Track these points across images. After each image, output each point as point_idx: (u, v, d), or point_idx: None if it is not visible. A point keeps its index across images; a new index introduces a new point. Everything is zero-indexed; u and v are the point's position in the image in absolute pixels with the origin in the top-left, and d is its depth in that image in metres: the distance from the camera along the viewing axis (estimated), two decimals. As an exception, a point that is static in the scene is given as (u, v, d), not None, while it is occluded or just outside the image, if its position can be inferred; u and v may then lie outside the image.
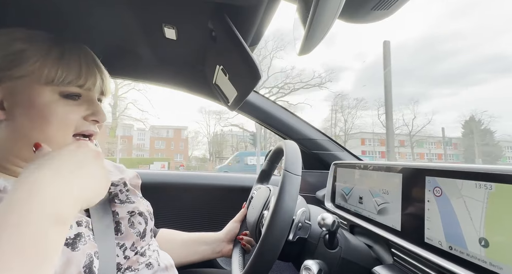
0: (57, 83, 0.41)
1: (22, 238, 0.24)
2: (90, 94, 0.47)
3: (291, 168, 0.52)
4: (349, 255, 0.56)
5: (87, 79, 0.44)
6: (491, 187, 0.35)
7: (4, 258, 0.23)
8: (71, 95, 0.43)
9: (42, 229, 0.26)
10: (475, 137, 17.09)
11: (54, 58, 0.42)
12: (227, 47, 0.56)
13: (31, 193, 0.27)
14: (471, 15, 23.50)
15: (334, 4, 0.31)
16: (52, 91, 0.42)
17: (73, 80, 0.43)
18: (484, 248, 0.36)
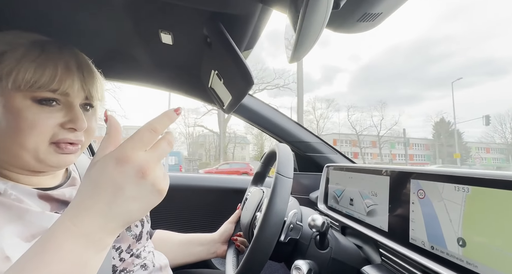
0: (25, 88, 0.38)
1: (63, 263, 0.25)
2: (69, 99, 0.42)
3: (283, 171, 0.54)
4: (339, 255, 0.58)
5: (61, 83, 0.40)
6: (468, 189, 0.38)
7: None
8: (45, 101, 0.40)
9: (85, 257, 0.26)
10: (442, 139, 17.52)
11: (26, 61, 0.39)
12: (221, 53, 0.58)
13: (70, 230, 0.26)
14: (461, 20, 24.06)
15: (321, 15, 0.33)
16: (24, 97, 0.39)
17: (45, 84, 0.39)
18: (461, 247, 0.38)
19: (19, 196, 0.39)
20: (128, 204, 0.27)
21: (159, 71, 0.88)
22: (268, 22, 0.57)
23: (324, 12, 0.32)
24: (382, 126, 24.09)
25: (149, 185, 0.28)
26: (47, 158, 0.41)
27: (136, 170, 0.27)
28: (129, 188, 0.27)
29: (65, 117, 0.42)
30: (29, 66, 0.38)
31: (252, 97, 1.02)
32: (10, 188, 0.39)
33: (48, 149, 0.41)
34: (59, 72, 0.40)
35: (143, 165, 0.27)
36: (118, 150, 0.28)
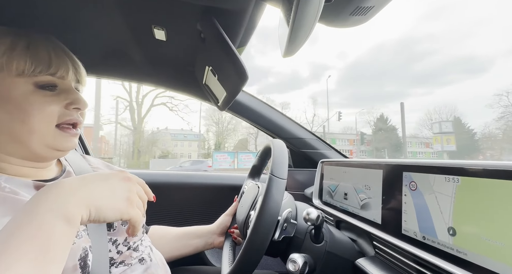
0: (28, 73, 0.41)
1: (31, 227, 0.27)
2: (66, 83, 0.46)
3: (277, 172, 0.54)
4: (334, 249, 0.58)
5: (58, 67, 0.44)
6: (458, 180, 0.38)
7: (14, 242, 0.26)
8: (47, 86, 0.43)
9: (49, 220, 0.28)
10: (383, 134, 18.38)
11: (20, 49, 0.41)
12: (215, 49, 0.58)
13: (49, 188, 0.31)
14: (442, 19, 24.72)
15: (313, 9, 0.33)
16: (26, 83, 0.41)
17: (44, 69, 0.42)
18: (452, 236, 0.39)
19: (14, 188, 0.39)
20: (104, 191, 0.34)
21: (153, 67, 0.88)
22: (262, 17, 0.57)
23: (316, 6, 0.32)
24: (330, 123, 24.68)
25: (126, 190, 0.37)
26: (55, 141, 0.44)
27: (125, 175, 0.38)
28: (113, 179, 0.36)
29: (67, 100, 0.45)
30: (25, 54, 0.41)
31: (247, 94, 1.02)
32: (4, 181, 0.39)
33: (55, 132, 0.44)
34: (52, 58, 0.43)
35: (131, 176, 0.39)
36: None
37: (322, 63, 20.50)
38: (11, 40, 0.41)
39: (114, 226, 0.50)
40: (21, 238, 0.26)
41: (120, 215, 0.35)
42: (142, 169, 11.45)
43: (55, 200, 0.30)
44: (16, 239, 0.26)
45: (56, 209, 0.29)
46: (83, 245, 0.40)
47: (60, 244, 0.28)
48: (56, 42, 0.47)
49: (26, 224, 0.27)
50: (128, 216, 0.36)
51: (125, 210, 0.36)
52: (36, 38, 0.44)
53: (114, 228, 0.50)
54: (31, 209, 0.29)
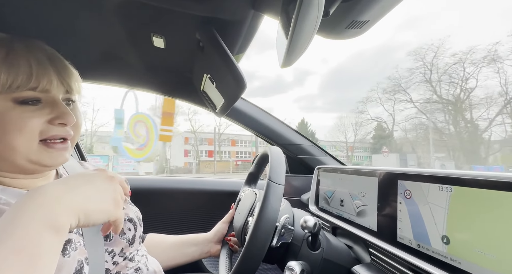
0: (4, 90, 0.37)
1: (16, 239, 0.25)
2: (50, 96, 0.42)
3: (275, 178, 0.54)
4: (330, 256, 0.59)
5: (40, 80, 0.39)
6: (451, 189, 0.40)
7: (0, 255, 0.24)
8: (28, 101, 0.39)
9: (36, 232, 0.27)
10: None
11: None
12: (214, 57, 0.59)
13: (32, 197, 0.29)
14: (417, 29, 25.56)
15: (312, 22, 0.35)
16: (4, 99, 0.38)
17: (23, 83, 0.38)
18: (446, 245, 0.39)
19: (9, 199, 0.38)
20: (91, 194, 0.33)
21: (151, 74, 0.88)
22: (260, 27, 0.58)
23: (314, 19, 0.33)
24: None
25: (112, 191, 0.36)
26: (39, 158, 0.41)
27: (108, 174, 0.38)
28: (97, 179, 0.35)
29: (51, 114, 0.41)
30: (1, 68, 0.37)
31: (244, 101, 1.03)
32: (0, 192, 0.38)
33: (39, 148, 0.41)
34: (34, 69, 0.39)
35: (113, 175, 0.38)
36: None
37: (305, 69, 21.04)
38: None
39: (111, 237, 0.50)
40: (6, 251, 0.24)
41: (107, 217, 0.34)
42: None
43: (40, 208, 0.28)
44: (0, 253, 0.24)
45: (41, 219, 0.28)
46: (79, 258, 0.39)
47: (48, 255, 0.27)
48: (43, 48, 0.43)
49: (11, 236, 0.25)
50: (115, 217, 0.35)
51: (112, 211, 0.35)
52: (16, 47, 0.40)
53: (110, 238, 0.49)
54: (15, 219, 0.27)
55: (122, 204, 0.38)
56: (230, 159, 26.79)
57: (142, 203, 0.68)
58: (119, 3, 0.52)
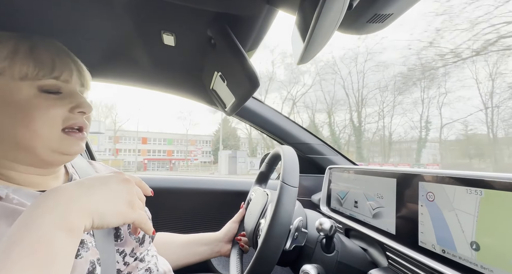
0: (32, 77, 0.40)
1: (31, 239, 0.26)
2: (70, 86, 0.45)
3: (288, 180, 0.53)
4: (346, 259, 0.57)
5: (62, 71, 0.43)
6: (481, 192, 0.37)
7: (15, 257, 0.25)
8: (51, 90, 0.42)
9: (51, 233, 0.27)
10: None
11: (23, 53, 0.41)
12: (226, 55, 0.57)
13: (47, 198, 0.30)
14: (402, 33, 25.22)
15: (335, 17, 0.33)
16: (30, 86, 0.40)
17: (48, 72, 0.42)
18: (475, 251, 0.37)
19: (22, 200, 0.38)
20: (105, 196, 0.34)
21: (159, 72, 0.87)
22: (274, 22, 0.56)
23: (338, 14, 0.31)
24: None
25: (127, 193, 0.36)
26: (60, 146, 0.43)
27: (124, 177, 0.38)
28: (112, 182, 0.36)
29: (71, 103, 0.44)
30: (28, 58, 0.40)
31: (253, 99, 1.01)
32: (12, 192, 0.38)
33: (60, 136, 0.43)
34: (56, 61, 0.43)
35: (129, 177, 0.39)
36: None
37: (297, 67, 20.89)
38: (14, 44, 0.41)
39: (122, 237, 0.49)
40: (22, 253, 0.25)
41: (123, 219, 0.35)
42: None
43: (55, 209, 0.29)
44: (16, 254, 0.25)
45: (56, 220, 0.28)
46: (91, 258, 0.39)
47: (63, 257, 0.27)
48: (59, 45, 0.46)
49: (26, 237, 0.26)
50: (131, 219, 0.36)
51: (127, 214, 0.35)
52: (39, 42, 0.43)
53: (121, 238, 0.49)
54: (30, 220, 0.28)
55: (141, 205, 0.39)
56: (136, 159, 26.54)
57: (151, 202, 0.68)
58: (129, 0, 0.51)
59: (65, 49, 0.47)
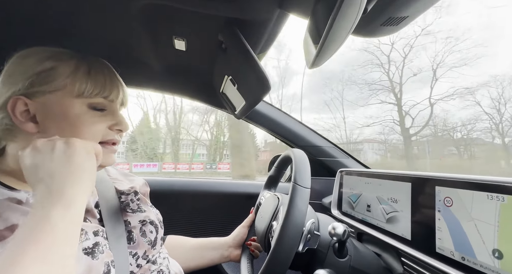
0: (87, 95, 0.45)
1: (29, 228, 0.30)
2: (113, 105, 0.50)
3: (300, 181, 0.52)
4: (359, 264, 0.56)
5: (111, 91, 0.48)
6: (504, 198, 0.36)
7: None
8: (98, 108, 0.47)
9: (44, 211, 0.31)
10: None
11: (82, 73, 0.45)
12: (237, 59, 0.57)
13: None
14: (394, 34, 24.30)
15: (350, 20, 0.32)
16: (82, 103, 0.45)
17: (100, 92, 0.46)
18: (498, 259, 0.36)
19: None
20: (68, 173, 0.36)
21: (171, 76, 0.88)
22: (284, 26, 0.56)
23: (353, 17, 0.31)
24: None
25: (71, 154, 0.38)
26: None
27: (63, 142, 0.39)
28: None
29: (112, 121, 0.48)
30: (87, 78, 0.45)
31: (263, 102, 1.01)
32: (31, 197, 0.40)
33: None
34: (107, 82, 0.47)
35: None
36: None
37: (290, 69, 20.45)
38: (75, 63, 0.45)
39: (134, 239, 0.50)
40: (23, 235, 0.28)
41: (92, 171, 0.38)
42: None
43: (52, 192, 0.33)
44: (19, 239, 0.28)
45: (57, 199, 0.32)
46: (106, 260, 0.40)
47: (60, 226, 0.30)
48: (110, 66, 0.51)
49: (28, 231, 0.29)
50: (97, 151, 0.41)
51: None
52: (96, 63, 0.48)
53: (134, 241, 0.50)
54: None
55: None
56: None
57: (160, 204, 0.68)
58: (143, 6, 0.51)
59: (114, 71, 0.51)
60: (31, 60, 0.44)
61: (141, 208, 0.56)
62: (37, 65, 0.43)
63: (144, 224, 0.53)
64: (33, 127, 0.42)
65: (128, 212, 0.53)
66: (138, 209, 0.56)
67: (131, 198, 0.57)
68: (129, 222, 0.52)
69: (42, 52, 0.45)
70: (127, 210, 0.54)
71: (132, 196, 0.57)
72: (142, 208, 0.57)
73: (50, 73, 0.43)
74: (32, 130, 0.42)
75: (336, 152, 1.03)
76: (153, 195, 0.69)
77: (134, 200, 0.57)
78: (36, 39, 0.48)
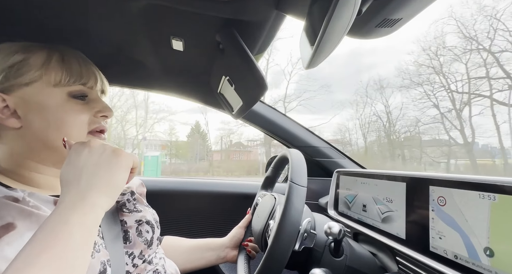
0: (64, 83, 0.44)
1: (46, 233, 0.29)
2: (94, 92, 0.49)
3: (297, 179, 0.53)
4: (355, 263, 0.57)
5: (88, 78, 0.47)
6: (494, 197, 0.37)
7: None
8: (79, 95, 0.46)
9: (65, 214, 0.31)
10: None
11: (56, 61, 0.44)
12: (234, 59, 0.58)
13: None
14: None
15: (345, 22, 0.33)
16: (61, 92, 0.44)
17: (77, 79, 0.46)
18: (489, 257, 0.37)
19: (37, 203, 0.39)
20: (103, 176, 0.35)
21: (167, 76, 0.88)
22: (281, 27, 0.57)
23: (348, 19, 0.31)
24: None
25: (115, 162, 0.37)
26: None
27: (111, 149, 0.38)
28: (105, 161, 0.37)
29: (95, 108, 0.48)
30: (61, 66, 0.44)
31: (260, 102, 1.01)
32: (27, 195, 0.40)
33: (87, 138, 0.47)
34: (83, 69, 0.47)
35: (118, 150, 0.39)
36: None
37: (279, 70, 20.59)
38: (47, 53, 0.45)
39: (130, 239, 0.50)
40: (41, 234, 0.28)
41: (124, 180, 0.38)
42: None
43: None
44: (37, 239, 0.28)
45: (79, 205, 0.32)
46: (102, 259, 0.40)
47: (78, 230, 0.30)
48: (83, 55, 0.50)
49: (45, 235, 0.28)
50: (135, 163, 0.40)
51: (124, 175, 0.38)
52: (68, 52, 0.48)
53: (130, 241, 0.50)
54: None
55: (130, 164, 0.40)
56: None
57: (157, 204, 0.68)
58: (141, 7, 0.52)
59: (87, 59, 0.51)
60: (0, 55, 0.43)
61: (138, 208, 0.56)
62: (7, 60, 0.42)
63: (140, 224, 0.53)
64: (16, 123, 0.42)
65: (125, 212, 0.53)
66: (135, 208, 0.56)
67: (128, 197, 0.57)
68: (125, 221, 0.52)
69: (11, 46, 0.44)
70: (123, 210, 0.54)
71: (129, 195, 0.57)
72: (139, 208, 0.57)
73: (22, 64, 0.42)
74: (15, 126, 0.42)
75: (332, 152, 1.03)
76: (149, 195, 0.69)
77: (130, 200, 0.57)
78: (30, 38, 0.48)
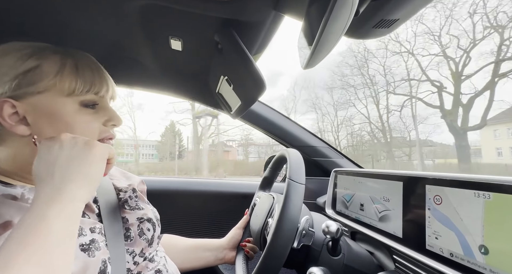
0: (78, 93, 0.43)
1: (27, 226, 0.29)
2: (104, 100, 0.49)
3: (295, 177, 0.53)
4: (352, 262, 0.57)
5: (101, 87, 0.47)
6: (489, 196, 0.37)
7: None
8: (90, 105, 0.46)
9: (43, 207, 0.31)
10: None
11: (70, 69, 0.43)
12: (233, 60, 0.58)
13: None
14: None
15: (342, 22, 0.33)
16: (74, 102, 0.43)
17: (90, 88, 0.45)
18: (484, 255, 0.37)
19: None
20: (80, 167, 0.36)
21: (166, 76, 0.88)
22: (280, 27, 0.57)
23: (345, 19, 0.32)
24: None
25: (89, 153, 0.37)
26: None
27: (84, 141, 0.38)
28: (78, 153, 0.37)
29: (105, 117, 0.48)
30: (75, 75, 0.44)
31: (259, 102, 1.02)
32: (27, 192, 0.40)
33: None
34: (96, 78, 0.46)
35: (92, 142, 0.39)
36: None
37: (276, 70, 20.37)
38: (60, 59, 0.44)
39: (131, 237, 0.50)
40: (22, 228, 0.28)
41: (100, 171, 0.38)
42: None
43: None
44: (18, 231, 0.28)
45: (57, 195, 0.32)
46: (102, 258, 0.40)
47: (58, 220, 0.30)
48: (96, 61, 0.50)
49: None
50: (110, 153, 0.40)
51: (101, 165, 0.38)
52: (81, 57, 0.47)
53: (131, 238, 0.50)
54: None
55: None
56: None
57: (156, 203, 0.68)
58: (140, 7, 0.52)
59: (98, 64, 0.50)
60: (11, 59, 0.41)
61: (139, 205, 0.56)
62: (20, 64, 0.41)
63: (142, 222, 0.53)
64: (25, 130, 0.41)
65: (126, 209, 0.53)
66: (136, 206, 0.56)
67: (129, 195, 0.57)
68: (127, 219, 0.52)
69: (23, 49, 0.42)
70: (125, 207, 0.54)
71: (130, 193, 0.57)
72: (140, 205, 0.57)
73: (35, 72, 0.41)
74: (25, 133, 0.41)
75: (330, 152, 1.04)
76: (148, 194, 0.69)
77: (132, 197, 0.57)
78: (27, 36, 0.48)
